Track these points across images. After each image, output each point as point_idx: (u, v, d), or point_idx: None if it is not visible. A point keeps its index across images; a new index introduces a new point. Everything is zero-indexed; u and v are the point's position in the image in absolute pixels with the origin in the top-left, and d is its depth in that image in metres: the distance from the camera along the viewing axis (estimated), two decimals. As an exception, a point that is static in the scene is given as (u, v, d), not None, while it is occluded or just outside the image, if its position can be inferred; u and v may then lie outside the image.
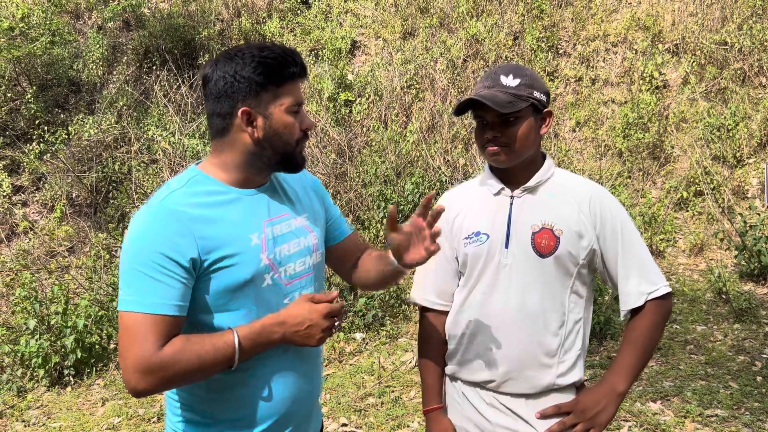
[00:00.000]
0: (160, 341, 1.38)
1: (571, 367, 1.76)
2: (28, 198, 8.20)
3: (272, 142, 1.51)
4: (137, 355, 1.36)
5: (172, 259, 1.40)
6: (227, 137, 1.52)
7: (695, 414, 3.70)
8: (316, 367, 1.68)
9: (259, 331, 1.45)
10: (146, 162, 7.64)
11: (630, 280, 1.74)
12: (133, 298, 1.39)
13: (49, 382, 4.87)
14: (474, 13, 9.05)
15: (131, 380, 1.37)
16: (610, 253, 1.76)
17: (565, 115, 8.18)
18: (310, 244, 1.65)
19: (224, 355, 1.41)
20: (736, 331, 4.88)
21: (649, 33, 8.23)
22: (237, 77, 1.47)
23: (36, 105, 8.48)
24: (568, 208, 1.75)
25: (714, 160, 7.28)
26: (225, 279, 1.46)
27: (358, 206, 6.92)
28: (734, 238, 6.27)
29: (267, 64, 1.47)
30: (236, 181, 1.55)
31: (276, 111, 1.50)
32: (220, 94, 1.49)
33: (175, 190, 1.49)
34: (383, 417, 3.93)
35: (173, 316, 1.40)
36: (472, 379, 1.81)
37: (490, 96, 1.67)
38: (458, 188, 1.94)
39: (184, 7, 9.93)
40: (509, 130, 1.70)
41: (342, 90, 8.54)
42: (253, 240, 1.51)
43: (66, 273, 6.21)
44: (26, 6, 9.01)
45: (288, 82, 1.51)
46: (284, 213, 1.62)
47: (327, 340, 4.95)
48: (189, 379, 1.42)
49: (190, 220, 1.44)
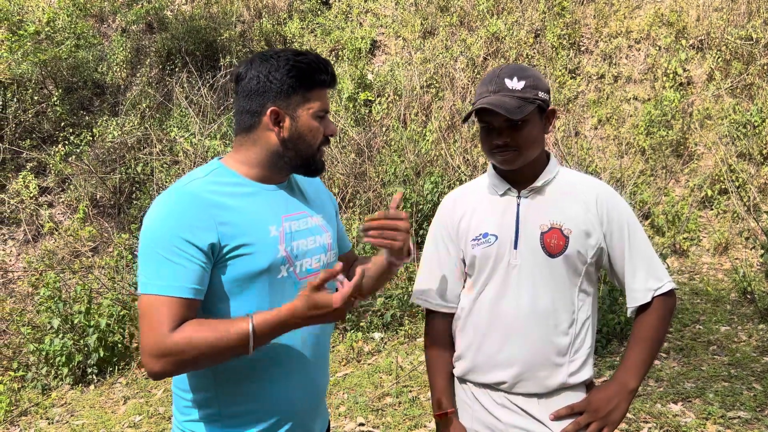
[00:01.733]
0: (175, 324, 1.39)
1: (582, 365, 1.76)
2: (53, 199, 8.34)
3: (296, 143, 1.56)
4: (152, 339, 1.39)
5: (192, 243, 1.42)
6: (253, 134, 1.57)
7: (717, 416, 3.64)
8: (323, 366, 1.69)
9: (275, 320, 1.43)
10: (168, 163, 7.72)
11: (637, 277, 1.75)
12: (150, 281, 1.42)
13: (73, 381, 4.95)
14: (494, 11, 9.00)
15: (147, 363, 1.40)
16: (616, 250, 1.76)
17: (587, 113, 8.10)
18: (325, 243, 1.69)
19: (238, 341, 1.41)
20: (761, 331, 4.79)
21: (673, 29, 8.10)
22: (270, 77, 1.53)
23: (61, 107, 8.63)
24: (576, 207, 1.74)
25: (739, 157, 7.15)
26: (242, 267, 1.48)
27: (377, 206, 6.92)
28: (760, 236, 6.15)
29: (300, 68, 1.53)
30: (257, 176, 1.59)
31: (303, 114, 1.55)
32: (251, 92, 1.55)
33: (198, 178, 1.53)
34: (400, 417, 3.92)
35: (189, 299, 1.42)
36: (484, 381, 1.80)
37: (499, 102, 1.66)
38: (461, 189, 1.93)
39: (206, 9, 10.03)
40: (518, 134, 1.68)
41: (362, 90, 8.56)
42: (272, 232, 1.54)
43: (89, 273, 6.31)
44: (52, 10, 9.17)
45: (317, 88, 1.56)
46: (302, 211, 1.65)
47: (347, 340, 4.96)
48: (204, 363, 1.43)
49: (211, 205, 1.47)
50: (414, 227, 6.44)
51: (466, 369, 1.83)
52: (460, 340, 1.86)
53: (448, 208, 1.89)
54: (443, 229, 1.88)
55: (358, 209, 6.94)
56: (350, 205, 7.11)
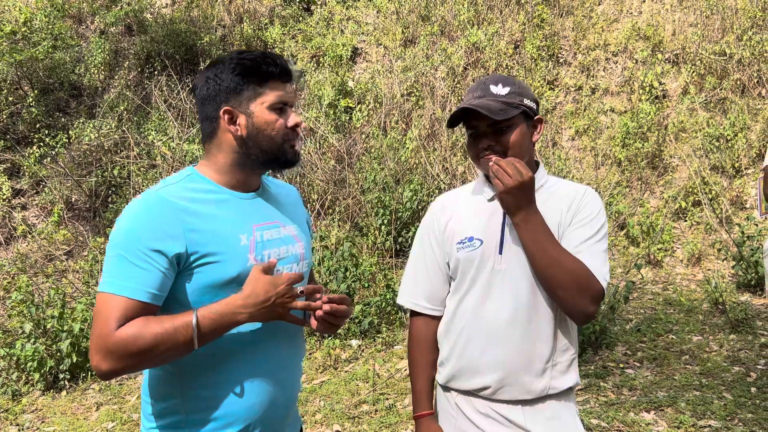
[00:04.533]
0: (123, 324, 1.40)
1: (566, 371, 1.78)
2: (27, 201, 8.22)
3: (256, 139, 1.55)
4: (98, 335, 1.40)
5: (157, 250, 1.43)
6: (216, 139, 1.58)
7: (688, 425, 3.69)
8: (293, 372, 1.68)
9: (220, 312, 1.44)
10: (145, 167, 7.65)
11: (581, 256, 1.70)
12: (110, 281, 1.43)
13: (44, 386, 4.87)
14: (475, 21, 9.08)
15: (93, 360, 1.41)
16: (570, 234, 1.73)
17: (565, 124, 8.20)
18: (297, 253, 1.68)
19: (184, 336, 1.41)
20: (732, 341, 4.87)
21: (649, 43, 8.25)
22: (218, 80, 1.55)
23: (37, 109, 8.51)
24: (558, 213, 1.77)
25: (713, 170, 7.29)
26: (211, 274, 1.48)
27: (356, 213, 6.93)
28: (732, 248, 6.27)
29: (244, 65, 1.54)
30: (229, 183, 1.59)
31: (257, 108, 1.55)
32: (205, 99, 1.57)
33: (171, 183, 1.54)
34: (377, 424, 3.92)
35: (145, 302, 1.42)
36: (467, 387, 1.80)
37: (483, 104, 1.69)
38: (451, 193, 1.95)
39: (187, 13, 9.97)
40: (503, 138, 1.71)
41: (342, 97, 8.57)
42: (242, 240, 1.54)
43: (63, 277, 6.21)
44: (29, 10, 9.06)
45: (269, 81, 1.56)
46: (275, 220, 1.65)
47: (324, 347, 4.95)
48: (151, 360, 1.43)
49: (181, 211, 1.47)
50: (393, 234, 6.45)
51: (449, 375, 1.84)
52: (443, 345, 1.87)
53: (436, 211, 1.90)
54: (430, 232, 1.89)
55: (337, 216, 6.94)
56: (329, 211, 7.11)
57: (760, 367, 4.44)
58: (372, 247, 6.51)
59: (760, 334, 4.96)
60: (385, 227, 6.49)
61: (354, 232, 6.76)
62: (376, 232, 6.54)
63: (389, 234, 6.46)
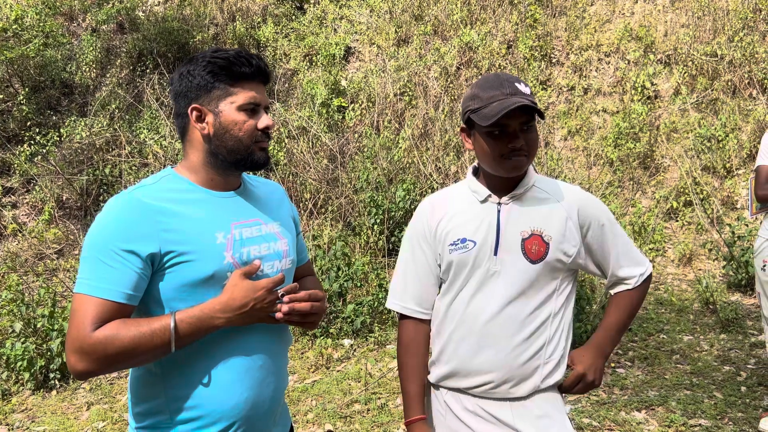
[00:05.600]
0: (100, 324, 1.40)
1: (555, 369, 1.78)
2: (18, 200, 8.16)
3: (222, 138, 1.54)
4: (74, 336, 1.40)
5: (130, 251, 1.43)
6: (187, 136, 1.59)
7: (679, 424, 3.71)
8: (279, 371, 1.67)
9: (198, 316, 1.45)
10: (137, 165, 7.62)
11: (623, 269, 1.84)
12: (84, 282, 1.43)
13: (34, 386, 4.84)
14: (468, 21, 9.09)
15: (69, 360, 1.41)
16: (600, 247, 1.83)
17: (557, 124, 8.21)
18: (280, 250, 1.66)
19: (161, 338, 1.42)
20: (723, 341, 4.90)
21: (641, 43, 8.28)
22: (190, 76, 1.55)
23: (28, 107, 8.45)
24: (556, 214, 1.77)
25: (704, 170, 7.32)
26: (185, 273, 1.48)
27: (349, 212, 6.92)
28: (722, 248, 6.30)
29: (216, 63, 1.53)
30: (205, 181, 1.59)
31: (226, 108, 1.54)
32: (178, 94, 1.58)
33: (146, 185, 1.54)
34: (369, 424, 3.92)
35: (120, 303, 1.43)
36: (457, 386, 1.80)
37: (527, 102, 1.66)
38: (439, 194, 1.92)
39: (179, 11, 9.93)
40: (529, 137, 1.71)
41: (335, 96, 8.56)
42: (219, 239, 1.53)
43: (54, 276, 6.18)
44: (20, 8, 9.00)
45: (241, 81, 1.55)
46: (255, 218, 1.64)
47: (316, 347, 4.94)
48: (127, 361, 1.43)
49: (155, 212, 1.47)
50: (386, 234, 6.45)
51: (440, 374, 1.83)
52: (434, 345, 1.86)
53: (425, 212, 1.88)
54: (420, 234, 1.87)
55: (329, 215, 6.93)
56: (322, 211, 7.10)
57: (750, 366, 4.46)
58: (364, 246, 6.50)
59: (750, 334, 4.99)
60: (377, 227, 6.49)
61: (346, 232, 6.75)
62: (368, 232, 6.54)
63: (382, 233, 6.46)
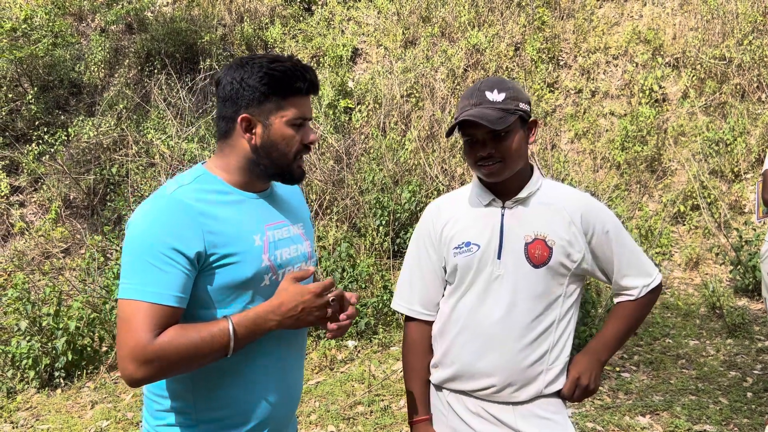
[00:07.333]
0: (157, 331, 1.38)
1: (559, 374, 1.78)
2: (25, 199, 8.20)
3: (269, 151, 1.55)
4: (133, 345, 1.37)
5: (179, 251, 1.41)
6: (230, 140, 1.57)
7: (684, 429, 3.68)
8: (298, 373, 1.70)
9: (253, 319, 1.46)
10: (144, 165, 7.64)
11: (629, 278, 1.83)
12: (134, 287, 1.40)
13: (39, 384, 4.86)
14: (475, 23, 9.08)
15: (127, 369, 1.38)
16: (604, 258, 1.81)
17: (564, 127, 8.19)
18: (305, 252, 1.70)
19: (220, 343, 1.42)
20: (729, 346, 4.87)
21: (649, 46, 8.24)
22: (243, 84, 1.51)
23: (36, 106, 8.50)
24: (559, 219, 1.76)
25: (711, 174, 7.28)
26: (227, 275, 1.48)
27: (354, 213, 6.92)
28: (730, 253, 6.26)
29: (273, 76, 1.51)
30: (238, 183, 1.59)
31: (276, 122, 1.53)
32: (226, 98, 1.55)
33: (184, 185, 1.52)
34: (372, 426, 3.91)
35: (172, 306, 1.41)
36: (460, 388, 1.81)
37: (481, 114, 1.67)
38: (446, 197, 1.93)
39: (187, 12, 9.97)
40: (502, 145, 1.70)
41: (342, 97, 8.57)
42: (256, 241, 1.54)
43: (60, 275, 6.20)
44: (29, 7, 9.05)
45: (294, 96, 1.54)
46: (282, 220, 1.65)
47: (320, 348, 4.93)
48: (186, 367, 1.42)
49: (199, 213, 1.47)
50: (391, 235, 6.44)
51: (443, 377, 1.84)
52: (437, 347, 1.86)
53: (431, 215, 1.89)
54: (426, 236, 1.88)
55: (335, 216, 6.93)
56: (327, 212, 7.10)
57: (756, 372, 4.43)
58: (370, 247, 6.49)
59: (756, 339, 4.95)
60: (383, 228, 6.48)
61: (352, 233, 6.75)
62: (374, 233, 6.54)
63: (387, 235, 6.46)
